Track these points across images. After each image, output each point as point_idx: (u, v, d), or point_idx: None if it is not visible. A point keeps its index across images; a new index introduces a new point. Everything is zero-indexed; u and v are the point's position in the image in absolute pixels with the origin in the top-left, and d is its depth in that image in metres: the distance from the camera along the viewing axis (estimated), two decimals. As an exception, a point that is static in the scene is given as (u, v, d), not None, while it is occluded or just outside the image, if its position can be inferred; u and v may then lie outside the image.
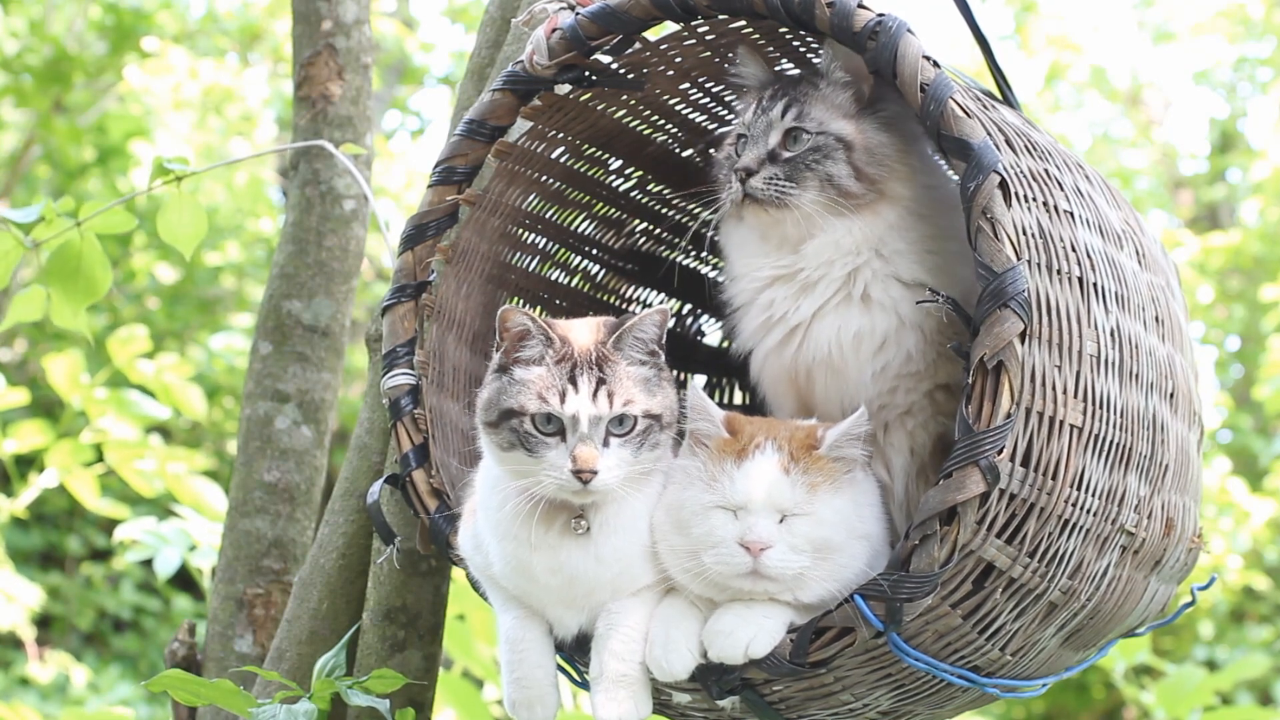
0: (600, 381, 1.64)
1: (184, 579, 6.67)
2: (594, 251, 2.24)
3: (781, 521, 1.63)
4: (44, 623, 6.98)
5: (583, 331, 1.70)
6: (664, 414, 1.68)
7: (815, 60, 1.97)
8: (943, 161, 1.90)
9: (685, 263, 2.37)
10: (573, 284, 2.23)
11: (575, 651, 1.74)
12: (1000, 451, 1.54)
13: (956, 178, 1.59)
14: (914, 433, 1.83)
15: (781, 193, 1.81)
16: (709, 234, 1.97)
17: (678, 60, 1.95)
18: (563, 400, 1.62)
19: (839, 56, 1.84)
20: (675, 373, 2.40)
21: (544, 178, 2.07)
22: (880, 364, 1.81)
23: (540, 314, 2.16)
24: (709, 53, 1.94)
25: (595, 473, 1.61)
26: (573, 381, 1.63)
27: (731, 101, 2.09)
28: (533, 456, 1.62)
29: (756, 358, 1.91)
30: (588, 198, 2.16)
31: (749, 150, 1.85)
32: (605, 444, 1.63)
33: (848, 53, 1.78)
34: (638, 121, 2.08)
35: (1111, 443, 1.65)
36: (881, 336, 1.81)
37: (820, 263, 1.82)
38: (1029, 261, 1.58)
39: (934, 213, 1.83)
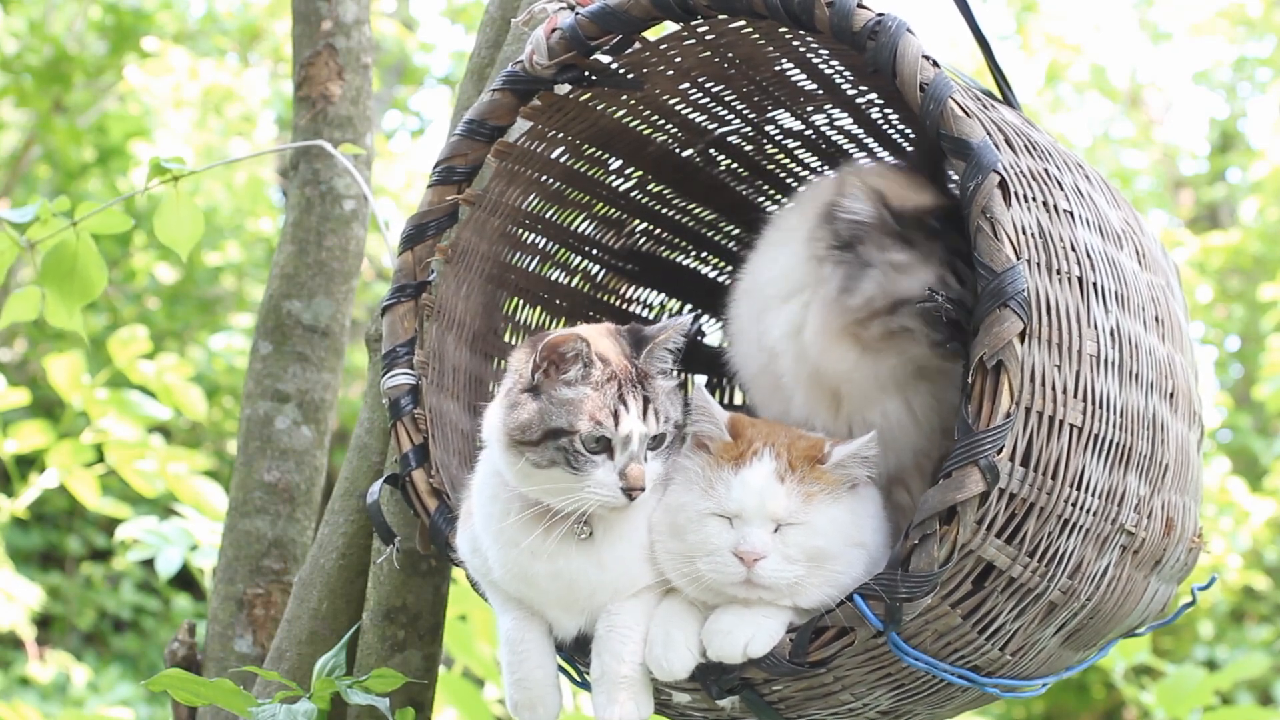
0: (646, 400, 1.66)
1: (184, 579, 6.68)
2: (594, 251, 2.24)
3: (776, 530, 1.63)
4: (44, 623, 6.98)
5: (608, 344, 1.70)
6: (683, 420, 1.70)
7: (818, 63, 1.97)
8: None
9: (686, 263, 2.37)
10: (573, 284, 2.23)
11: (575, 652, 1.74)
12: (1000, 451, 1.54)
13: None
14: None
15: None
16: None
17: (677, 60, 1.95)
18: (616, 422, 1.63)
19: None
20: (677, 374, 2.40)
21: (544, 178, 2.07)
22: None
23: (540, 314, 2.18)
24: (709, 52, 1.93)
25: (644, 489, 1.63)
26: (623, 401, 1.64)
27: (732, 101, 2.08)
28: (577, 475, 1.62)
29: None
30: (588, 198, 2.16)
31: None
32: (645, 458, 1.65)
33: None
34: (638, 121, 2.08)
35: (1111, 442, 1.65)
36: (943, 399, 1.82)
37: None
38: (1028, 261, 1.58)
39: None
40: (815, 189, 2.04)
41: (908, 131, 2.14)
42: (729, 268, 2.40)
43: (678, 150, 2.17)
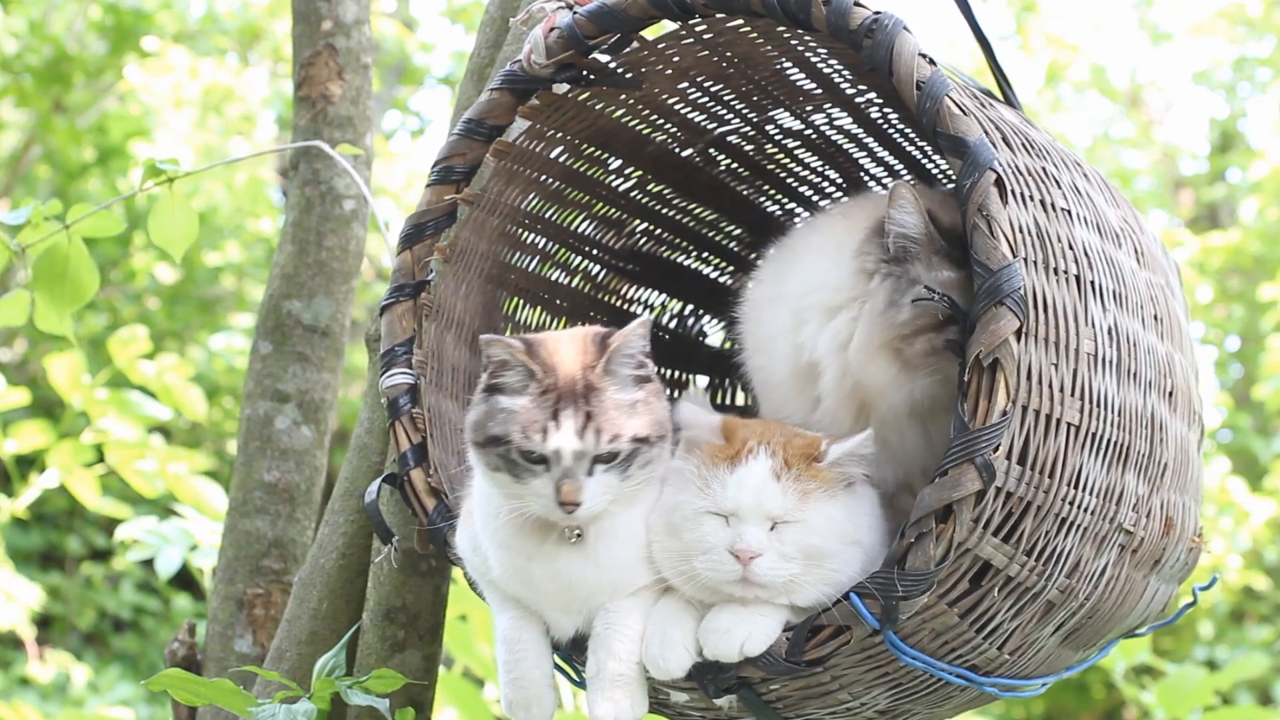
0: (588, 416, 1.60)
1: (184, 579, 6.68)
2: (594, 251, 2.24)
3: (773, 529, 1.63)
4: (44, 623, 6.99)
5: (570, 352, 1.65)
6: (652, 433, 1.65)
7: (816, 62, 1.97)
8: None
9: (686, 263, 2.37)
10: (573, 284, 2.23)
11: (573, 651, 1.74)
12: (996, 449, 1.53)
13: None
14: None
15: None
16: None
17: (676, 59, 1.95)
18: (544, 436, 1.60)
19: None
20: (677, 374, 2.40)
21: (543, 177, 2.07)
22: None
23: (540, 314, 2.18)
24: (707, 52, 1.94)
25: (579, 504, 1.60)
26: (555, 417, 1.60)
27: (731, 101, 2.08)
28: (517, 481, 1.62)
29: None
30: (587, 197, 2.16)
31: None
32: (590, 473, 1.61)
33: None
34: (636, 121, 2.08)
35: (1109, 441, 1.65)
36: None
37: None
38: (1025, 259, 1.57)
39: None
40: (862, 203, 2.03)
41: (908, 131, 2.14)
42: (730, 268, 2.40)
43: (677, 150, 2.17)
